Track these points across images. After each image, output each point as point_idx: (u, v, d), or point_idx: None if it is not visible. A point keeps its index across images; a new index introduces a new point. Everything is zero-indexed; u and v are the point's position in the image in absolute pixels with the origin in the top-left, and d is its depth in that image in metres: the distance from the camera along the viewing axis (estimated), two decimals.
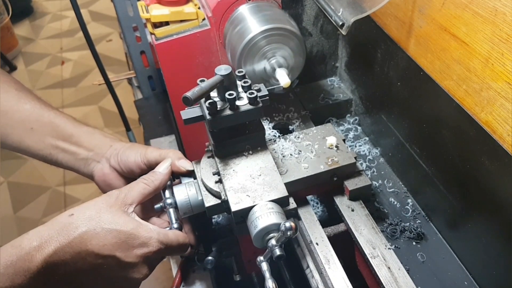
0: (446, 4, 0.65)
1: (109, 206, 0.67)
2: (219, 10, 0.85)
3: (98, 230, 0.62)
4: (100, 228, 0.62)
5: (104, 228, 0.63)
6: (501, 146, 0.59)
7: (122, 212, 0.67)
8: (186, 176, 0.78)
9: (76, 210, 0.65)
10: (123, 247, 0.63)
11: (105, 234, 0.62)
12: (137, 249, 0.64)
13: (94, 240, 0.61)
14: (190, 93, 0.62)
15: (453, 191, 0.74)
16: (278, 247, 0.62)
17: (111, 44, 3.63)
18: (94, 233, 0.62)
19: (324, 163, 0.76)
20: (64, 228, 0.61)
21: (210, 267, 0.81)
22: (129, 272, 0.64)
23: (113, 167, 0.82)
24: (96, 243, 0.61)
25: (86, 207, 0.66)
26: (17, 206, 2.53)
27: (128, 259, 0.63)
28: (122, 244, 0.63)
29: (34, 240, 0.60)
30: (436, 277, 0.74)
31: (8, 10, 3.44)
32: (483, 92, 0.61)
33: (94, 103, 3.11)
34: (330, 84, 1.09)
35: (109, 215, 0.65)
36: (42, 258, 0.59)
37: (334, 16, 0.74)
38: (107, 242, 0.62)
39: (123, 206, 0.68)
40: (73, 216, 0.63)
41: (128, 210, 0.68)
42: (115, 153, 0.82)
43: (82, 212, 0.64)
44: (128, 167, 0.80)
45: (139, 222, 0.67)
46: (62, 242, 0.60)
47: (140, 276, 0.66)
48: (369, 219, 0.74)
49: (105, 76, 1.36)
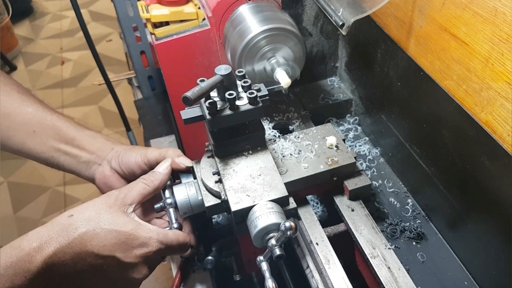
0: (446, 4, 0.65)
1: (108, 206, 0.67)
2: (219, 10, 0.85)
3: (97, 231, 0.62)
4: (100, 229, 0.62)
5: (103, 228, 0.63)
6: (501, 146, 0.59)
7: (122, 212, 0.67)
8: (186, 173, 0.79)
9: (75, 211, 0.65)
10: (123, 247, 0.63)
11: (105, 234, 0.62)
12: (137, 249, 0.64)
13: (94, 240, 0.61)
14: (190, 93, 0.62)
15: (453, 191, 0.74)
16: (278, 247, 0.62)
17: (111, 44, 3.63)
18: (94, 234, 0.62)
19: (324, 163, 0.76)
20: (63, 229, 0.61)
21: (210, 267, 0.81)
22: (129, 272, 0.64)
23: (114, 169, 0.82)
24: (96, 244, 0.61)
25: (86, 208, 0.66)
26: (17, 206, 2.53)
27: (128, 259, 0.63)
28: (122, 245, 0.63)
29: (34, 241, 0.60)
30: (436, 277, 0.74)
31: (8, 10, 3.44)
32: (483, 92, 0.61)
33: (94, 103, 3.11)
34: (330, 84, 1.09)
35: (109, 216, 0.65)
36: (42, 259, 0.59)
37: (334, 16, 0.74)
38: (107, 242, 0.62)
39: (123, 207, 0.68)
40: (73, 217, 0.63)
41: (128, 210, 0.68)
42: (116, 155, 0.82)
43: (82, 213, 0.64)
44: (129, 168, 0.80)
45: (139, 222, 0.67)
46: (62, 243, 0.60)
47: (140, 276, 0.66)
48: (369, 219, 0.74)
49: (105, 76, 1.36)
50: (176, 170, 0.78)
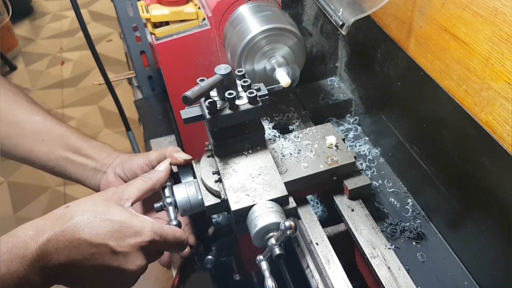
0: (446, 4, 0.65)
1: (105, 199, 0.68)
2: (219, 10, 0.85)
3: (91, 219, 0.63)
4: (94, 217, 0.63)
5: (97, 217, 0.63)
6: (501, 146, 0.59)
7: (117, 204, 0.68)
8: (186, 172, 0.79)
9: (72, 203, 0.66)
10: (116, 236, 0.63)
11: (99, 223, 0.63)
12: (130, 238, 0.64)
13: (86, 228, 0.62)
14: (190, 93, 0.62)
15: (453, 191, 0.74)
16: (277, 246, 0.62)
17: (111, 44, 3.63)
18: (87, 222, 0.62)
19: (323, 163, 0.76)
20: (59, 219, 0.63)
21: (210, 266, 0.81)
22: (122, 262, 0.64)
23: (118, 175, 0.83)
24: (89, 232, 0.62)
25: (83, 200, 0.67)
26: (17, 206, 2.53)
27: (121, 248, 0.63)
28: (115, 233, 0.63)
29: (30, 229, 0.61)
30: (436, 277, 0.74)
31: (8, 10, 3.44)
32: (483, 92, 0.61)
33: (94, 103, 3.11)
34: (330, 84, 1.09)
35: (104, 207, 0.66)
36: (37, 245, 0.60)
37: (334, 16, 0.74)
38: (100, 231, 0.62)
39: (119, 200, 0.69)
40: (69, 208, 0.65)
41: (125, 204, 0.69)
42: (121, 162, 0.83)
43: (78, 204, 0.66)
44: (132, 171, 0.82)
45: (134, 213, 0.68)
46: (55, 231, 0.61)
47: (134, 267, 0.65)
48: (369, 219, 0.74)
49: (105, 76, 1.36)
50: (176, 165, 0.79)
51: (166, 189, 0.77)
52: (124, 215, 0.66)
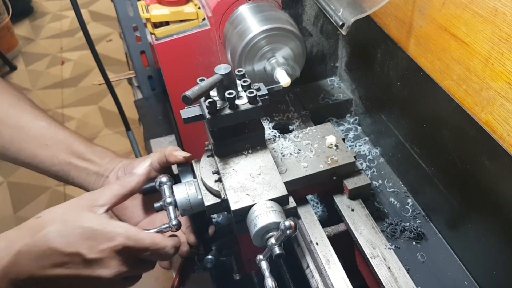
0: (446, 4, 0.65)
1: (76, 206, 0.66)
2: (219, 10, 0.85)
3: (61, 228, 0.62)
4: (64, 226, 0.62)
5: (68, 225, 0.63)
6: (501, 146, 0.59)
7: (89, 211, 0.66)
8: (185, 167, 0.79)
9: (44, 212, 0.65)
10: (88, 243, 0.62)
11: (70, 231, 0.62)
12: (102, 244, 0.63)
13: (58, 237, 0.61)
14: (190, 92, 0.62)
15: (453, 191, 0.74)
16: (277, 246, 0.61)
17: (111, 44, 3.63)
18: (58, 231, 0.62)
19: (323, 162, 0.76)
20: (30, 229, 0.62)
21: (210, 266, 0.81)
22: (95, 269, 0.63)
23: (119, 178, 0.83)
24: (60, 241, 0.61)
25: (54, 209, 0.66)
26: (17, 206, 2.53)
27: (93, 255, 0.62)
28: (87, 241, 0.62)
29: (1, 241, 0.61)
30: (436, 277, 0.74)
31: (8, 10, 3.44)
32: (483, 92, 0.61)
33: (94, 103, 3.11)
34: (330, 84, 1.09)
35: (75, 214, 0.65)
36: (8, 258, 0.59)
37: (334, 16, 0.74)
38: (72, 239, 0.62)
39: (92, 207, 0.67)
40: (39, 218, 0.64)
41: (98, 211, 0.67)
42: (123, 166, 0.83)
43: (49, 214, 0.65)
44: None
45: (107, 219, 0.66)
46: (27, 242, 0.60)
47: (109, 274, 0.64)
48: (369, 219, 0.74)
49: (105, 76, 1.36)
50: (176, 163, 0.79)
51: (166, 189, 0.77)
52: (95, 221, 0.64)
